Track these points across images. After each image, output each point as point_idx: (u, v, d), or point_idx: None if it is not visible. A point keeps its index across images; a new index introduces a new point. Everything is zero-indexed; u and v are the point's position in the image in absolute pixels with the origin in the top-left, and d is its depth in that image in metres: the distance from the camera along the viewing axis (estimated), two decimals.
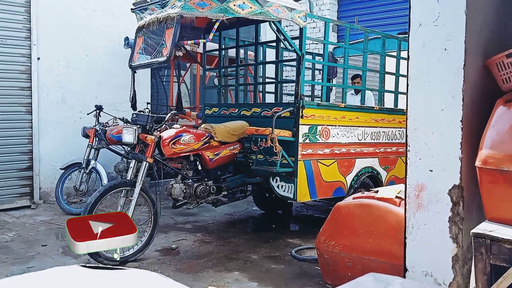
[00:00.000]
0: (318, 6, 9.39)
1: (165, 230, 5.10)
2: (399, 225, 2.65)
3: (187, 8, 3.96)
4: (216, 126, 4.71)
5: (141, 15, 4.66)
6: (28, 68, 6.16)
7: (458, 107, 2.10)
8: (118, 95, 6.94)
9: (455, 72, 2.11)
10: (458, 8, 2.09)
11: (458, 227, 2.12)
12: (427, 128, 2.21)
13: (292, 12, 4.46)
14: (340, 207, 3.52)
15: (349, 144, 5.09)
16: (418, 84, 2.24)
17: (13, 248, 4.37)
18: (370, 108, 5.41)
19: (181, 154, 4.37)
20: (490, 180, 2.02)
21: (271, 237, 4.94)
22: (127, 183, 4.05)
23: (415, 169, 2.26)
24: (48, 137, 6.34)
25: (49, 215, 5.70)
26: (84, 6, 6.67)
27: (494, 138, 2.04)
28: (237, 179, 4.96)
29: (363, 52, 5.37)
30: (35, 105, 6.20)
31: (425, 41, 2.20)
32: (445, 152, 2.14)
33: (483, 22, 2.25)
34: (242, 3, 4.03)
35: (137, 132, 4.16)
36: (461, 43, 2.09)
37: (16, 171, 6.11)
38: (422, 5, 2.22)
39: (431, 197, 2.20)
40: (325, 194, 4.91)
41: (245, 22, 5.12)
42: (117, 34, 6.84)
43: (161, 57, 4.15)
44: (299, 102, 4.55)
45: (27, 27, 6.13)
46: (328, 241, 3.48)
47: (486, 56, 2.25)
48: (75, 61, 6.62)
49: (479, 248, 1.94)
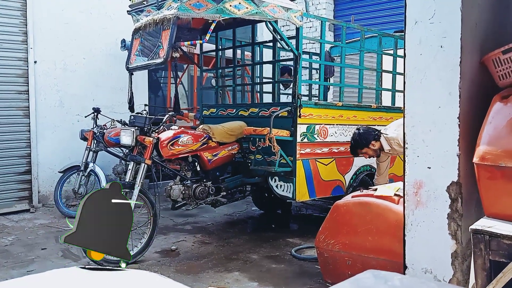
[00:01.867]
0: (314, 6, 9.40)
1: (165, 231, 5.10)
2: (398, 223, 2.66)
3: (183, 9, 3.96)
4: (214, 127, 4.72)
5: (137, 17, 4.66)
6: (25, 72, 6.16)
7: (455, 104, 2.11)
8: (115, 97, 6.94)
9: (451, 69, 2.11)
10: (454, 5, 2.09)
11: (457, 223, 2.13)
12: (424, 125, 2.21)
13: (288, 12, 4.47)
14: (339, 206, 3.52)
15: (348, 143, 5.09)
16: (415, 82, 2.24)
17: (13, 252, 4.37)
18: (368, 107, 5.42)
19: (179, 155, 4.37)
20: (488, 176, 2.03)
21: (270, 237, 4.94)
22: (125, 185, 4.05)
23: (413, 166, 2.26)
24: (46, 141, 6.33)
25: (48, 219, 5.69)
26: (80, 9, 6.67)
27: (491, 134, 2.04)
28: (236, 180, 4.96)
29: (360, 51, 5.38)
30: (33, 109, 6.20)
31: (421, 38, 2.21)
32: (443, 149, 2.15)
33: (479, 18, 2.26)
34: (238, 3, 4.04)
35: (135, 134, 4.16)
36: (457, 40, 2.09)
37: (14, 175, 6.11)
38: (417, 2, 2.22)
39: (429, 194, 2.21)
40: (324, 193, 4.91)
41: (241, 23, 5.13)
42: (113, 36, 6.84)
43: (158, 58, 4.15)
44: (296, 102, 4.55)
45: (24, 30, 6.12)
46: (328, 240, 3.48)
47: (482, 53, 2.25)
48: (72, 64, 6.61)
49: (478, 244, 1.94)
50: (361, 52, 5.38)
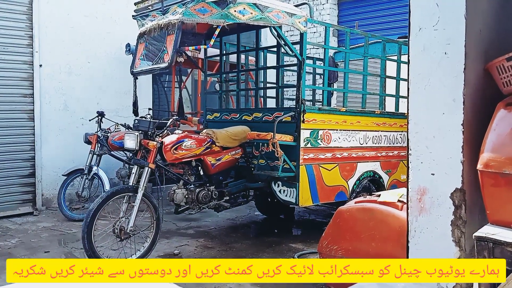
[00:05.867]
0: (318, 11, 9.43)
1: (167, 235, 5.10)
2: (401, 229, 2.65)
3: (188, 14, 3.99)
4: (217, 131, 4.72)
5: (142, 21, 4.68)
6: (30, 75, 6.20)
7: (459, 110, 2.10)
8: (119, 101, 6.97)
9: (455, 75, 2.11)
10: (458, 12, 2.10)
11: (461, 230, 2.12)
12: (428, 131, 2.21)
13: (292, 17, 4.48)
14: (342, 212, 3.52)
15: (351, 148, 5.10)
16: (419, 88, 2.24)
17: (16, 255, 4.38)
18: (372, 112, 5.42)
19: (183, 159, 4.38)
20: (492, 183, 2.02)
21: (273, 242, 4.93)
22: (129, 189, 4.06)
23: (417, 172, 2.26)
24: (50, 144, 6.36)
25: (52, 222, 5.71)
26: (85, 13, 6.71)
27: (495, 141, 2.04)
28: (239, 184, 4.97)
29: (364, 57, 5.38)
30: (37, 112, 6.23)
31: (425, 45, 2.21)
32: (447, 156, 2.15)
33: (483, 25, 2.26)
34: (243, 9, 4.05)
35: (139, 138, 4.17)
36: (461, 46, 2.09)
37: (18, 178, 6.13)
38: (422, 9, 2.23)
39: (433, 200, 2.20)
40: (327, 199, 4.90)
41: (246, 28, 5.14)
42: (118, 41, 6.88)
43: (163, 63, 4.17)
44: (300, 107, 4.56)
45: (29, 34, 6.16)
46: (331, 246, 3.48)
47: (486, 60, 2.25)
48: (76, 68, 6.65)
49: (481, 251, 1.94)
50: (365, 58, 5.38)
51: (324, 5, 9.41)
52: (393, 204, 3.23)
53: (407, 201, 2.34)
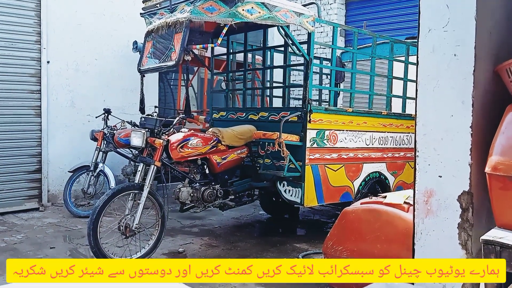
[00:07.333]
0: (326, 11, 9.40)
1: (172, 233, 5.11)
2: (407, 231, 2.64)
3: (196, 12, 3.99)
4: (223, 130, 4.72)
5: (150, 19, 4.69)
6: (38, 72, 6.23)
7: (468, 112, 2.09)
8: (126, 99, 6.99)
9: (464, 77, 2.10)
10: (468, 13, 2.08)
11: (468, 233, 2.11)
12: (436, 133, 2.20)
13: (300, 17, 4.47)
14: (347, 212, 3.51)
15: (357, 149, 5.08)
16: (428, 90, 2.23)
17: (22, 250, 4.40)
18: (378, 113, 5.40)
19: (188, 158, 4.38)
20: (500, 186, 2.01)
21: (278, 242, 4.93)
22: (135, 186, 4.07)
23: (424, 174, 2.25)
24: (57, 140, 6.39)
25: (57, 218, 5.74)
26: (93, 10, 6.73)
27: (504, 144, 2.02)
28: (244, 183, 4.96)
29: (371, 57, 5.36)
30: (45, 108, 6.26)
31: (435, 46, 2.19)
32: (455, 158, 2.13)
33: (493, 27, 2.24)
34: (251, 8, 4.05)
35: (146, 135, 4.18)
36: (471, 48, 2.08)
37: (24, 174, 6.16)
38: (431, 10, 2.21)
39: (440, 203, 2.19)
40: (333, 199, 4.89)
41: (253, 27, 5.14)
42: (125, 38, 6.90)
43: (170, 61, 4.18)
44: (306, 107, 4.55)
45: (37, 31, 6.19)
46: (336, 246, 3.47)
47: (496, 62, 2.24)
48: (84, 65, 6.67)
49: (488, 255, 1.92)
50: (373, 58, 5.36)
51: (332, 4, 9.39)
52: (399, 206, 3.21)
53: (413, 203, 2.32)
